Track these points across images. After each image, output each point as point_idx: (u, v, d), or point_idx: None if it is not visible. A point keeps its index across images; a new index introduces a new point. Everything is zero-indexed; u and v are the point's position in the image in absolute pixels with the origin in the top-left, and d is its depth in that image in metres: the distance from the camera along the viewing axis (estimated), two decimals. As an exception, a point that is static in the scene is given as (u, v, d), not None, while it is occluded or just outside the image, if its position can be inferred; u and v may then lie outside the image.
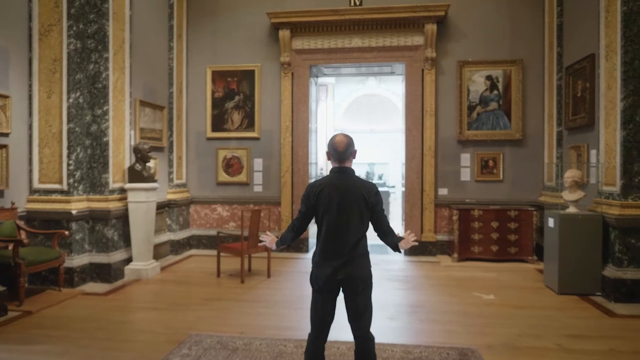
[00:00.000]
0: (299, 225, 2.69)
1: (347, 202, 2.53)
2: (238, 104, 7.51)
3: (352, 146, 2.63)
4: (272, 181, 7.49)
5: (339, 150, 2.59)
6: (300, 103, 7.37)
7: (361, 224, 2.55)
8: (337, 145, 2.60)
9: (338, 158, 2.60)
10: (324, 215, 2.56)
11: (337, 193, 2.54)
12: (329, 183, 2.58)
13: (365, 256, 2.61)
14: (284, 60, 7.26)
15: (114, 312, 4.33)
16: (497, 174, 7.02)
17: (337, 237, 2.54)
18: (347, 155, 2.60)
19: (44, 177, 5.31)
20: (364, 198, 2.53)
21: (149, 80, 6.56)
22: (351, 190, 2.54)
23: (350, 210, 2.53)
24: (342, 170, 2.60)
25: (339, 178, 2.58)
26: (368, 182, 2.62)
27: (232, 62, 7.49)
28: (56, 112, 5.27)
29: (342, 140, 2.61)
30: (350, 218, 2.53)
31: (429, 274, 5.94)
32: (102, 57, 5.46)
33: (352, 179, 2.58)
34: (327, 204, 2.54)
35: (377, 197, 2.57)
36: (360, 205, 2.53)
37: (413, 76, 7.13)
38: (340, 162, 2.61)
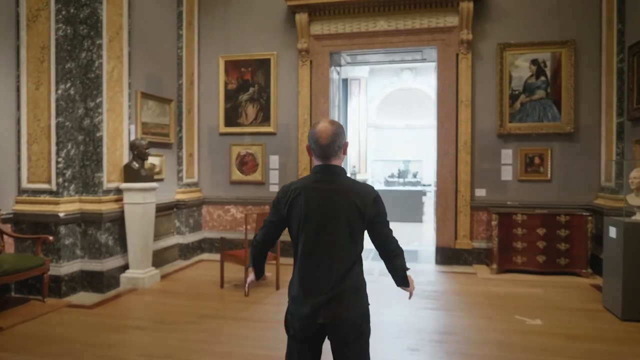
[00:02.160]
0: (262, 239, 2.03)
1: (332, 214, 1.84)
2: (253, 96, 6.90)
3: (340, 137, 1.92)
4: (289, 180, 6.82)
5: (321, 142, 1.89)
6: (319, 94, 6.68)
7: (352, 244, 1.85)
8: (320, 136, 1.90)
9: (321, 153, 1.91)
10: (299, 231, 1.87)
11: (318, 201, 1.85)
12: (307, 187, 1.89)
13: (359, 291, 1.90)
14: (302, 47, 6.59)
15: (91, 330, 3.79)
16: (544, 172, 6.10)
17: (317, 263, 1.85)
18: (333, 149, 1.90)
19: (32, 176, 4.86)
20: (357, 208, 1.83)
21: (154, 70, 6.04)
22: (338, 198, 1.84)
23: (337, 225, 1.83)
24: (327, 170, 1.90)
25: (321, 180, 1.89)
26: (364, 186, 1.91)
27: (246, 50, 6.88)
28: (44, 104, 4.81)
29: (326, 129, 1.90)
30: (337, 236, 1.83)
31: (463, 289, 5.12)
32: (95, 44, 4.95)
33: (341, 181, 1.88)
34: (304, 217, 1.85)
35: (376, 205, 1.87)
36: (351, 218, 1.83)
37: (446, 62, 6.30)
38: (324, 159, 1.91)
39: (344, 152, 1.96)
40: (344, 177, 1.90)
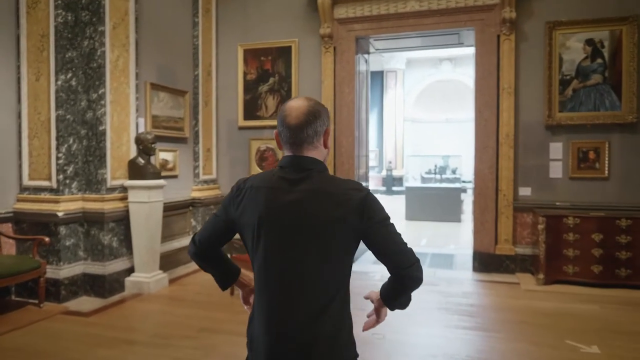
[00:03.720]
0: (199, 244, 1.52)
1: (299, 228, 1.31)
2: (273, 86, 6.43)
3: (318, 119, 1.39)
4: (311, 177, 6.33)
5: (290, 122, 1.37)
6: (344, 83, 6.12)
7: (331, 270, 1.33)
8: (289, 114, 1.38)
9: (290, 139, 1.39)
10: (255, 247, 1.36)
11: (279, 208, 1.33)
12: (266, 186, 1.37)
13: (339, 340, 1.37)
14: (325, 33, 6.05)
15: (78, 343, 3.43)
16: (600, 169, 5.31)
17: (279, 296, 1.33)
18: (306, 134, 1.38)
19: (33, 173, 4.59)
20: (338, 217, 1.30)
21: (166, 60, 5.67)
22: (310, 203, 1.31)
23: (307, 243, 1.31)
24: (297, 164, 1.38)
25: (287, 179, 1.36)
26: (347, 184, 1.37)
27: (266, 38, 6.42)
28: (44, 97, 4.51)
29: (298, 106, 1.38)
30: (307, 259, 1.31)
31: (504, 303, 4.46)
32: (97, 30, 4.61)
33: (315, 180, 1.35)
34: (258, 229, 1.34)
35: (366, 210, 1.32)
36: (328, 232, 1.30)
37: (486, 45, 5.60)
38: (294, 148, 1.39)
39: (325, 142, 1.43)
40: (322, 175, 1.37)
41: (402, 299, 1.45)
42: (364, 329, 1.54)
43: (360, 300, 1.76)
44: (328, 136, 1.44)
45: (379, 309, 1.52)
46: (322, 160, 1.41)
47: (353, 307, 1.42)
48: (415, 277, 1.37)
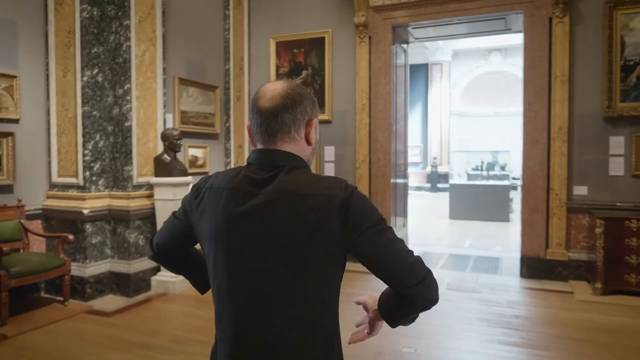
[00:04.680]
0: (157, 249, 1.30)
1: (266, 240, 1.03)
2: (306, 80, 6.17)
3: (297, 105, 1.11)
4: (346, 174, 6.04)
5: (262, 106, 1.11)
6: (379, 75, 5.78)
7: (309, 293, 1.04)
8: (262, 96, 1.12)
9: (260, 127, 1.12)
10: (214, 259, 1.10)
11: (242, 213, 1.06)
12: (227, 187, 1.10)
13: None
14: (359, 21, 5.73)
15: (94, 346, 3.33)
16: (670, 165, 4.70)
17: (244, 330, 1.06)
18: (282, 122, 1.10)
19: (62, 170, 4.57)
20: (315, 225, 1.01)
21: (195, 54, 5.54)
22: (278, 207, 1.03)
23: (277, 259, 1.03)
24: (267, 160, 1.10)
25: (252, 179, 1.09)
26: (328, 182, 1.08)
27: (299, 29, 6.16)
28: (71, 93, 4.47)
29: (272, 89, 1.11)
30: (278, 277, 1.03)
31: (555, 315, 4.00)
32: (123, 25, 4.52)
33: (288, 179, 1.07)
34: (217, 239, 1.08)
35: (350, 214, 1.03)
36: (304, 245, 1.02)
37: (536, 29, 5.09)
38: (265, 139, 1.12)
39: (307, 136, 1.15)
40: (295, 173, 1.09)
41: (409, 318, 1.16)
42: (350, 341, 1.25)
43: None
44: (311, 129, 1.16)
45: (375, 322, 1.22)
46: (300, 156, 1.13)
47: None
48: (428, 298, 1.07)
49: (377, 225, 1.04)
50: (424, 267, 1.07)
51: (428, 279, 1.06)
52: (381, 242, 1.03)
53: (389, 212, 5.81)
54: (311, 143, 1.17)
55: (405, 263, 1.04)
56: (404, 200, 6.55)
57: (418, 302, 1.07)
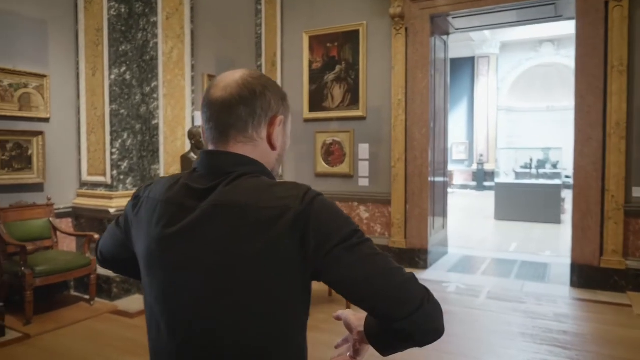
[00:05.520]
0: (101, 257, 1.10)
1: (204, 261, 0.83)
2: (339, 75, 5.94)
3: (260, 98, 0.90)
4: (380, 173, 5.78)
5: (214, 97, 0.90)
6: (416, 68, 5.46)
7: (258, 329, 0.82)
8: (215, 86, 0.91)
9: (210, 122, 0.92)
10: (149, 288, 0.91)
11: (175, 233, 0.85)
12: (162, 199, 0.90)
13: None
14: (395, 12, 5.43)
15: (110, 349, 3.27)
16: None
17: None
18: (236, 117, 0.89)
19: (91, 169, 4.58)
20: (264, 243, 0.79)
21: (225, 51, 5.44)
22: (215, 224, 0.82)
23: (221, 287, 0.82)
24: (214, 164, 0.90)
25: (193, 188, 0.88)
26: (282, 190, 0.85)
27: (332, 22, 5.94)
28: (100, 91, 4.46)
29: (231, 76, 0.91)
30: (221, 314, 0.82)
31: (611, 332, 3.58)
32: (150, 22, 4.46)
33: (232, 187, 0.85)
34: (149, 263, 0.89)
35: (312, 225, 0.80)
36: (251, 267, 0.80)
37: (590, 14, 4.62)
38: (216, 138, 0.92)
39: (270, 137, 0.93)
40: (246, 180, 0.86)
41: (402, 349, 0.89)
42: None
43: None
44: (275, 129, 0.93)
45: (360, 346, 0.98)
46: (258, 161, 0.91)
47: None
48: (428, 332, 0.81)
49: (349, 240, 0.80)
50: (420, 287, 0.81)
51: (427, 306, 0.80)
52: (355, 261, 0.79)
53: (426, 213, 5.50)
54: (275, 147, 0.95)
55: (392, 286, 0.79)
56: (443, 200, 6.21)
57: (416, 337, 0.82)
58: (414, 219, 5.53)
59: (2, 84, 3.97)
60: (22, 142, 4.12)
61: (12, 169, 4.05)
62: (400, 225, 5.59)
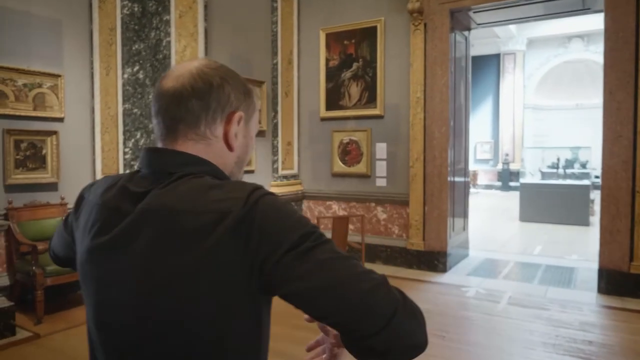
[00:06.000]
0: (54, 256, 1.03)
1: (134, 276, 0.72)
2: (356, 72, 5.82)
3: (216, 90, 0.79)
4: (398, 173, 5.63)
5: (165, 88, 0.79)
6: (436, 65, 5.29)
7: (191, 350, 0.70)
8: (167, 76, 0.80)
9: (158, 119, 0.80)
10: (84, 296, 0.81)
11: (104, 243, 0.75)
12: (99, 202, 0.79)
13: None
14: (413, 7, 5.27)
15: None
16: None
17: None
18: (185, 111, 0.78)
19: (105, 168, 4.57)
20: (202, 253, 0.67)
21: (240, 49, 5.38)
22: (147, 230, 0.71)
23: (153, 305, 0.70)
24: (156, 162, 0.78)
25: (130, 192, 0.76)
26: (225, 191, 0.72)
27: (349, 19, 5.81)
28: (113, 91, 4.46)
29: (186, 66, 0.79)
30: (156, 332, 0.71)
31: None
32: (163, 20, 4.43)
33: (169, 189, 0.73)
34: (82, 272, 0.79)
35: (256, 227, 0.68)
36: (187, 282, 0.68)
37: (619, 6, 4.37)
38: (164, 134, 0.80)
39: (225, 135, 0.82)
40: (187, 181, 0.75)
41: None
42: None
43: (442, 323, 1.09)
44: (233, 127, 0.82)
45: (339, 350, 0.87)
46: (210, 162, 0.80)
47: (431, 332, 0.84)
48: (406, 347, 0.68)
49: (301, 244, 0.67)
50: (391, 295, 0.67)
51: (400, 317, 0.66)
52: (309, 270, 0.66)
53: (445, 215, 5.32)
54: (233, 148, 0.83)
55: (354, 297, 0.65)
56: (463, 200, 6.01)
57: (390, 356, 0.68)
58: (432, 221, 5.36)
59: (17, 83, 3.99)
60: (37, 141, 4.14)
61: (26, 169, 4.07)
62: (418, 227, 5.43)
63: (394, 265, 5.53)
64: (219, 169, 0.80)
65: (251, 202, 0.69)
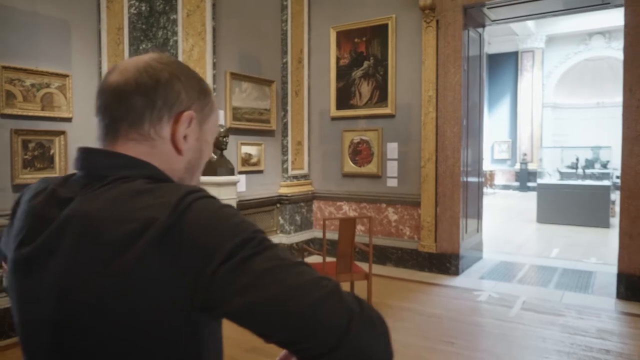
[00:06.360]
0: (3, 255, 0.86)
1: (52, 294, 0.64)
2: (367, 71, 5.72)
3: (164, 87, 0.72)
4: (410, 173, 5.51)
5: (107, 82, 0.74)
6: (448, 63, 5.16)
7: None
8: (112, 71, 0.74)
9: (99, 116, 0.74)
10: (12, 307, 0.72)
11: (29, 251, 0.66)
12: (27, 208, 0.71)
13: None
14: (425, 4, 5.15)
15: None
16: None
17: None
18: (128, 107, 0.71)
19: (113, 168, 4.57)
20: (124, 268, 0.60)
21: (249, 48, 5.33)
22: (66, 241, 0.63)
23: (73, 327, 0.63)
24: (89, 164, 0.71)
25: (58, 196, 0.69)
26: (155, 197, 0.64)
27: (360, 16, 5.72)
28: (121, 90, 4.44)
29: (130, 62, 0.74)
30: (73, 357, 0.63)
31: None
32: (170, 19, 4.41)
33: (96, 195, 0.66)
34: (7, 279, 0.71)
35: (186, 235, 0.60)
36: (108, 302, 0.61)
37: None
38: (103, 135, 0.74)
39: (172, 135, 0.75)
40: (116, 186, 0.67)
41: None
42: None
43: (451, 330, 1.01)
44: (181, 127, 0.75)
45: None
46: (151, 164, 0.73)
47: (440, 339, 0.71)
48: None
49: (239, 252, 0.59)
50: (342, 306, 0.58)
51: (355, 331, 0.57)
52: (248, 282, 0.58)
53: (458, 216, 5.19)
54: (181, 151, 0.76)
55: (300, 310, 0.57)
56: (477, 201, 5.86)
57: None
58: (444, 222, 5.24)
59: (25, 84, 4.00)
60: (44, 141, 4.14)
61: (34, 169, 4.08)
62: (430, 229, 5.31)
63: (405, 268, 5.42)
64: (163, 173, 0.73)
65: (181, 208, 0.61)
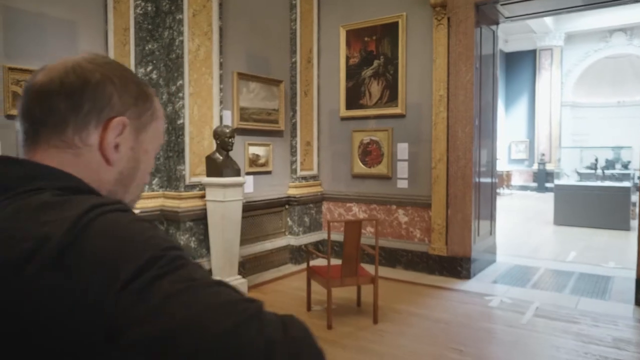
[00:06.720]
0: None
1: None
2: (377, 70, 5.62)
3: (87, 89, 0.64)
4: (420, 174, 5.40)
5: (31, 83, 0.66)
6: (460, 61, 5.03)
7: None
8: (38, 72, 0.66)
9: (20, 116, 0.66)
10: None
11: None
12: None
13: None
14: (436, 1, 5.03)
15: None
16: None
17: None
18: (50, 112, 0.64)
19: (120, 169, 4.56)
20: (22, 293, 0.50)
21: (257, 48, 5.28)
22: None
23: None
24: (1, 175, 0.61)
25: None
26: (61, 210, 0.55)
27: (370, 15, 5.62)
28: (127, 91, 4.43)
29: (59, 62, 0.65)
30: None
31: (678, 363, 3.05)
32: (176, 19, 4.37)
33: (3, 209, 0.56)
34: None
35: (81, 266, 0.50)
36: (5, 332, 0.50)
37: (663, -7, 4.02)
38: (24, 141, 0.66)
39: (100, 143, 0.67)
40: (25, 200, 0.58)
41: None
42: None
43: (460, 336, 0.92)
44: (108, 134, 0.67)
45: None
46: (74, 176, 0.65)
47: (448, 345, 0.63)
48: None
49: (144, 273, 0.50)
50: (268, 330, 0.49)
51: (280, 358, 0.47)
52: (153, 308, 0.48)
53: (469, 218, 5.06)
54: (110, 160, 0.68)
55: (212, 337, 0.46)
56: (490, 203, 5.71)
57: None
58: (456, 224, 5.11)
59: (31, 85, 4.01)
60: (51, 142, 4.15)
61: (40, 169, 4.09)
62: (441, 231, 5.19)
63: (415, 271, 5.31)
64: (88, 187, 0.65)
65: (82, 224, 0.53)
